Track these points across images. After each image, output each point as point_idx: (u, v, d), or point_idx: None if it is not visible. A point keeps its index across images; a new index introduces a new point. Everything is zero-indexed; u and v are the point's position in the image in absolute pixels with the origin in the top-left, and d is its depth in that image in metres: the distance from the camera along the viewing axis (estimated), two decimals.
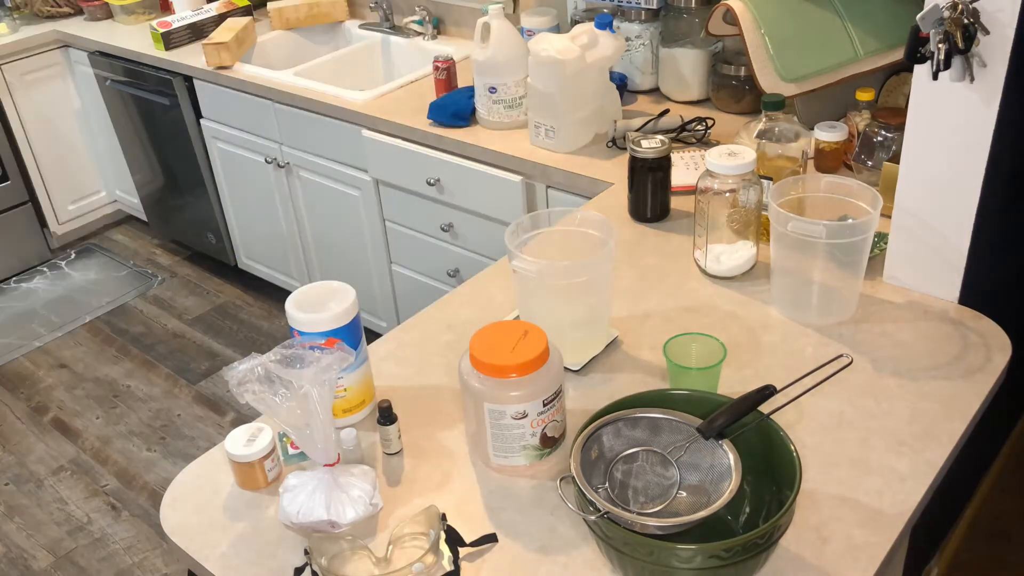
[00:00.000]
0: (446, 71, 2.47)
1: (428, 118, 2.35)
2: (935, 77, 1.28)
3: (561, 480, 1.06)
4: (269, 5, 3.20)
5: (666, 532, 0.99)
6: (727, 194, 1.51)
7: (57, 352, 3.33)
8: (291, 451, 1.27)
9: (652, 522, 0.99)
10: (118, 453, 2.82)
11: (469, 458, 1.27)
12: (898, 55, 1.84)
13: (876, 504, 1.14)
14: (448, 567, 1.09)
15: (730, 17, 1.93)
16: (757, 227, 1.57)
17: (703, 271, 1.61)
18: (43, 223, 3.84)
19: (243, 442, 1.23)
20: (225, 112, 3.03)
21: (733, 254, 1.58)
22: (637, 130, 2.12)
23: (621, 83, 2.36)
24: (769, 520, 0.97)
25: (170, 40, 3.13)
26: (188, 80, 3.08)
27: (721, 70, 2.26)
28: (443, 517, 1.14)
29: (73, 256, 3.93)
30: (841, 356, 1.16)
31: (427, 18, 2.98)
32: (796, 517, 1.11)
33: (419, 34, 3.01)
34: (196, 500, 1.25)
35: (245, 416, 2.88)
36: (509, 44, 2.22)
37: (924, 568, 2.06)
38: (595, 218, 1.44)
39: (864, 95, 1.86)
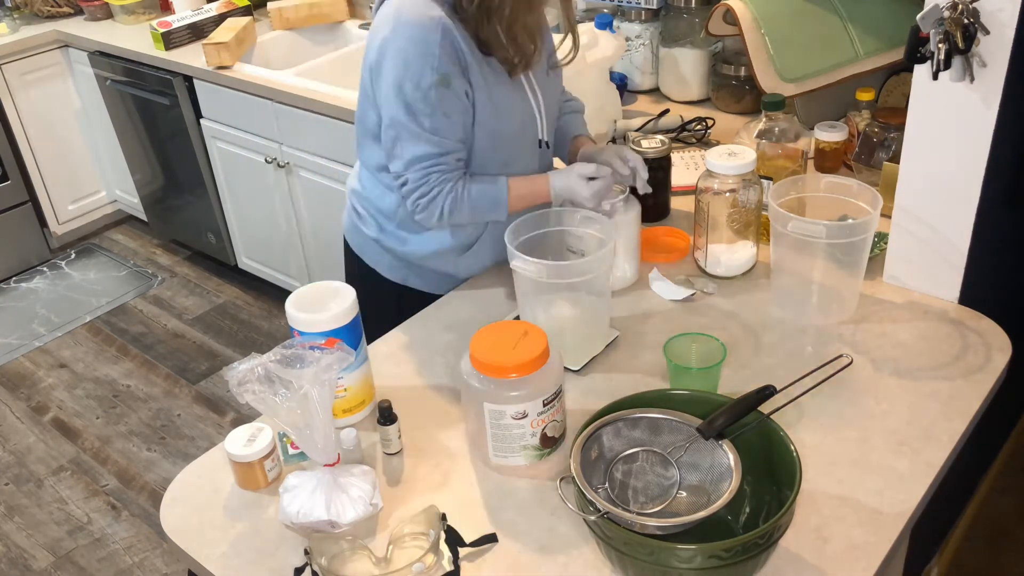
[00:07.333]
0: None
1: None
2: (935, 77, 1.28)
3: (561, 480, 1.06)
4: (269, 5, 3.20)
5: (666, 532, 0.99)
6: (727, 194, 1.51)
7: (57, 352, 3.33)
8: (291, 451, 1.27)
9: (652, 522, 0.99)
10: (118, 453, 2.82)
11: (469, 458, 1.27)
12: (898, 55, 1.84)
13: (876, 504, 1.14)
14: (448, 567, 1.09)
15: (730, 17, 1.93)
16: (757, 227, 1.57)
17: (703, 271, 1.61)
18: (43, 223, 3.84)
19: (243, 442, 1.23)
20: (225, 112, 3.03)
21: (733, 254, 1.57)
22: (637, 130, 2.12)
23: (621, 83, 2.36)
24: (769, 520, 0.97)
25: (170, 40, 3.13)
26: (188, 80, 3.07)
27: (721, 70, 2.25)
28: (443, 517, 1.14)
29: (73, 256, 3.93)
30: (841, 356, 1.16)
31: None
32: (796, 517, 1.11)
33: None
34: (196, 500, 1.25)
35: (245, 416, 2.88)
36: None
37: (924, 568, 2.05)
38: (595, 218, 1.45)
39: (864, 95, 1.86)
